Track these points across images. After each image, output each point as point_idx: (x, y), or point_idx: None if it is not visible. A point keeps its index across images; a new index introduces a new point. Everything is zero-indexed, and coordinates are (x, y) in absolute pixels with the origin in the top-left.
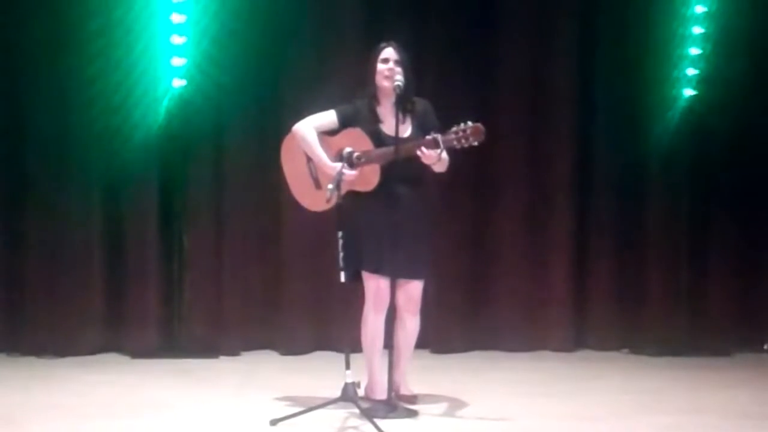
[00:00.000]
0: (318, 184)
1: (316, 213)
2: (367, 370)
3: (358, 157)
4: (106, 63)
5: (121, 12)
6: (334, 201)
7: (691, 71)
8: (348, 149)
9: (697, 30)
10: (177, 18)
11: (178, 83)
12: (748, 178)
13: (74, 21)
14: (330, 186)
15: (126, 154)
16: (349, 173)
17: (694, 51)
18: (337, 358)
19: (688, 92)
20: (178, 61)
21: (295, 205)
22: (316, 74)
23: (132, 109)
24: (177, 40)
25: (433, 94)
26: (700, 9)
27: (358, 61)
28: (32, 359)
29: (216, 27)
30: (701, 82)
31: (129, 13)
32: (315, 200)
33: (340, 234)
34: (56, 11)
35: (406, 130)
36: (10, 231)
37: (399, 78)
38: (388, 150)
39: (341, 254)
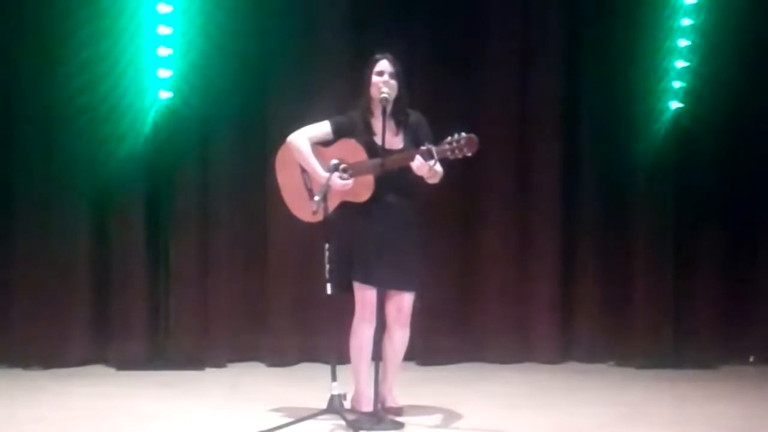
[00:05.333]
0: (312, 195)
1: (303, 224)
2: (354, 381)
3: (344, 169)
4: (93, 74)
5: (107, 23)
6: (321, 213)
7: (678, 84)
8: (335, 161)
9: (684, 43)
10: (163, 30)
11: (165, 95)
12: (734, 191)
13: (61, 32)
14: (317, 198)
15: (112, 166)
16: (344, 183)
17: (681, 64)
18: (323, 370)
19: (675, 105)
20: (164, 73)
21: (282, 216)
22: (303, 86)
23: (118, 121)
24: (163, 51)
25: (419, 107)
26: (686, 22)
27: (345, 73)
28: (18, 371)
29: (202, 39)
30: (687, 94)
31: (115, 25)
32: (309, 211)
33: (326, 246)
34: (43, 23)
35: (399, 143)
36: None
37: (385, 90)
38: (376, 162)
39: (328, 266)
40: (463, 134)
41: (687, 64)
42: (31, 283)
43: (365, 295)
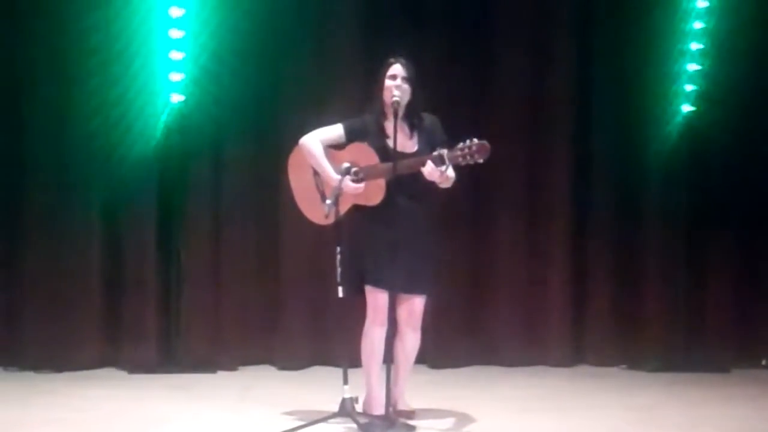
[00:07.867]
0: (324, 198)
1: (315, 227)
2: (366, 384)
3: (356, 173)
4: (105, 78)
5: (119, 27)
6: (333, 216)
7: (690, 87)
8: (346, 164)
9: (696, 46)
10: (175, 33)
11: (177, 98)
12: (746, 194)
13: (73, 36)
14: (328, 201)
15: (124, 169)
16: (355, 187)
17: (693, 67)
18: (335, 373)
19: (687, 108)
20: (176, 77)
21: (295, 219)
22: (315, 89)
23: (130, 125)
24: (175, 55)
25: (431, 108)
26: (698, 24)
27: (358, 76)
28: (30, 374)
29: (214, 42)
30: (700, 97)
31: (127, 28)
32: (321, 213)
33: (338, 249)
34: (55, 27)
35: (414, 146)
36: (8, 246)
37: (397, 93)
38: (387, 166)
39: (339, 269)
40: (475, 140)
41: (699, 67)
42: (43, 286)
43: (377, 299)
